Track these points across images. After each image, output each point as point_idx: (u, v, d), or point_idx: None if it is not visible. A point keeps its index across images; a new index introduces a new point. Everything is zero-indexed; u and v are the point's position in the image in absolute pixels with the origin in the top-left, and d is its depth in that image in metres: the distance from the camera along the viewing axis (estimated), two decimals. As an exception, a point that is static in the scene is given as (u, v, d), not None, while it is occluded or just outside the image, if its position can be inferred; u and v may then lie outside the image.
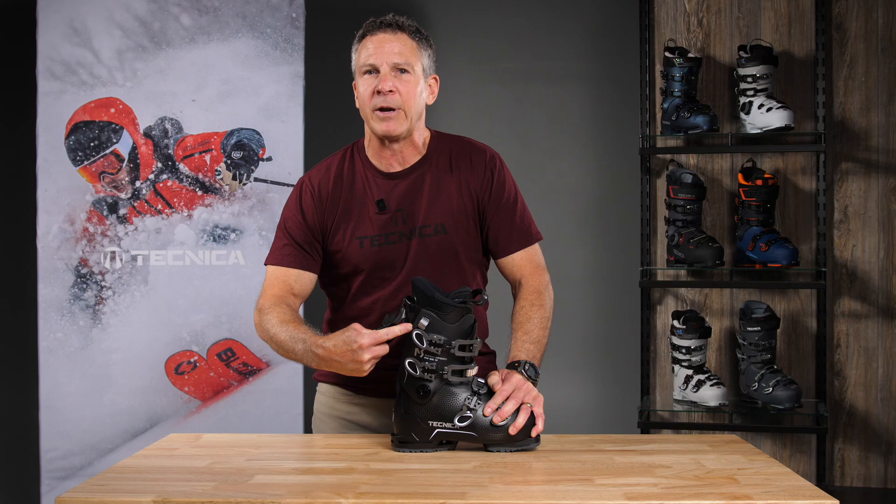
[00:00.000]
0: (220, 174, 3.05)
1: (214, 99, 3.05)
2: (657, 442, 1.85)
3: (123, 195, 3.04)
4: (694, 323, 3.07)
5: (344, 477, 1.55)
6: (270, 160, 3.05)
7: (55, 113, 3.01)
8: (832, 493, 1.61)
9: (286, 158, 3.05)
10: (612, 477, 1.54)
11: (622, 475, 1.55)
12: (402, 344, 1.75)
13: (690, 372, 3.08)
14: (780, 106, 3.00)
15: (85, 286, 3.02)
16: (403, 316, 1.73)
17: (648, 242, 3.22)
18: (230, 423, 3.02)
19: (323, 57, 3.44)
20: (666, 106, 3.15)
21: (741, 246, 3.11)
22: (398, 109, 1.92)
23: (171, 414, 3.03)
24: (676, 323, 3.10)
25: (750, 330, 3.03)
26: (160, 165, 3.04)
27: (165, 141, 3.04)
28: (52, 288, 3.00)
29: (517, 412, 1.74)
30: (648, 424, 3.09)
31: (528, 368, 1.85)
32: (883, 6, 3.17)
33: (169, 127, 3.05)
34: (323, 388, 2.11)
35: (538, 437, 1.77)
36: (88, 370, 3.00)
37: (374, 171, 2.01)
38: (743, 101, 3.08)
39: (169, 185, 3.04)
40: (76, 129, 3.02)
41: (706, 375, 3.06)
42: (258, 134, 3.05)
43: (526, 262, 2.03)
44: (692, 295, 3.28)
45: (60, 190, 3.01)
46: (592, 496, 1.43)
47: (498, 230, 2.01)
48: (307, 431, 3.06)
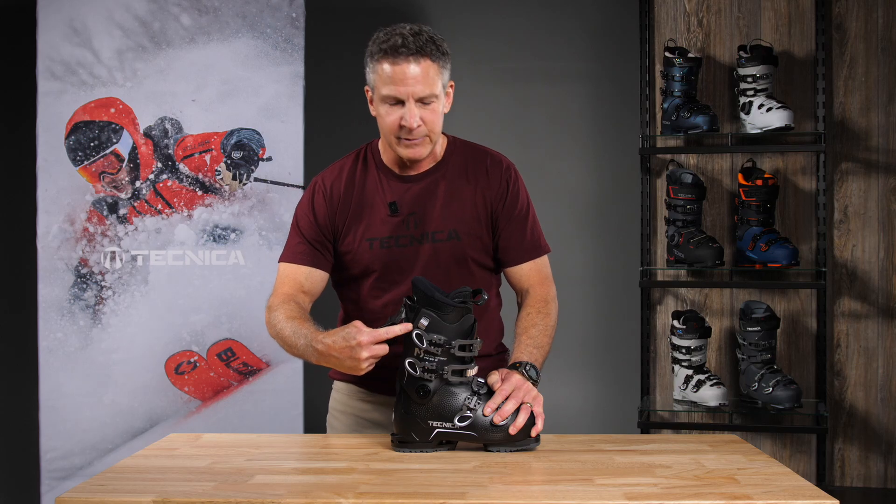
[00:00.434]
0: (220, 174, 3.05)
1: (214, 99, 3.05)
2: (657, 442, 1.85)
3: (123, 195, 3.04)
4: (694, 323, 3.07)
5: (344, 477, 1.55)
6: (270, 160, 3.05)
7: (55, 113, 3.01)
8: (832, 493, 1.61)
9: (286, 158, 3.05)
10: (612, 477, 1.54)
11: (622, 475, 1.55)
12: (404, 343, 1.75)
13: (690, 372, 3.08)
14: (780, 106, 3.00)
15: (85, 286, 3.02)
16: (403, 316, 1.73)
17: (648, 242, 3.22)
18: (230, 423, 3.02)
19: (323, 57, 3.44)
20: (666, 106, 3.15)
21: (741, 246, 3.11)
22: (424, 137, 1.92)
23: (171, 414, 3.03)
24: (676, 323, 3.10)
25: (750, 330, 3.03)
26: (160, 165, 3.04)
27: (165, 141, 3.04)
28: (52, 288, 3.00)
29: (517, 412, 1.74)
30: (648, 424, 3.09)
31: (528, 369, 1.85)
32: (883, 6, 3.17)
33: (169, 127, 3.05)
34: (338, 385, 2.12)
35: (538, 437, 1.77)
36: (88, 370, 3.00)
37: (387, 172, 2.01)
38: (743, 101, 3.08)
39: (169, 185, 3.04)
40: (76, 129, 3.02)
41: (706, 375, 3.06)
42: (258, 134, 3.05)
43: (534, 273, 2.04)
44: (692, 295, 3.28)
45: (60, 190, 3.01)
46: (592, 496, 1.43)
47: (508, 240, 2.02)
48: (307, 431, 3.06)
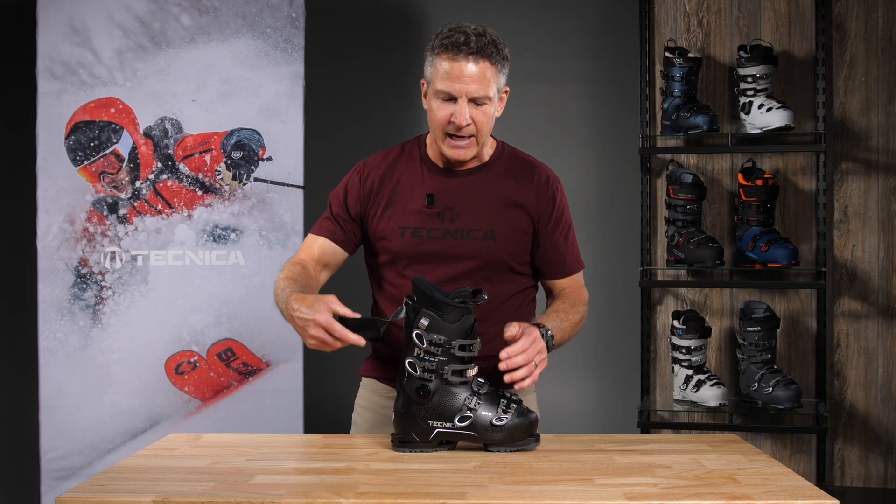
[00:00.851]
0: (220, 174, 3.05)
1: (214, 99, 3.05)
2: (657, 442, 1.85)
3: (123, 195, 3.04)
4: (694, 323, 3.07)
5: (344, 477, 1.55)
6: (270, 160, 3.05)
7: (55, 113, 3.01)
8: (832, 493, 1.61)
9: (286, 158, 3.05)
10: (612, 477, 1.54)
11: (622, 475, 1.55)
12: (404, 343, 1.75)
13: (690, 372, 3.08)
14: (780, 106, 3.00)
15: (85, 286, 3.02)
16: (403, 314, 1.74)
17: (648, 242, 3.22)
18: (230, 423, 3.02)
19: (323, 57, 3.44)
20: (666, 106, 3.15)
21: (741, 246, 3.11)
22: (471, 137, 1.93)
23: (171, 414, 3.03)
24: (676, 323, 3.10)
25: (750, 330, 3.03)
26: (160, 165, 3.04)
27: (165, 141, 3.04)
28: (52, 288, 3.00)
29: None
30: (648, 424, 3.09)
31: (548, 335, 1.86)
32: (883, 6, 3.17)
33: (169, 127, 3.05)
34: (365, 381, 2.14)
35: (538, 436, 1.77)
36: (88, 370, 3.00)
37: (430, 165, 2.03)
38: (743, 101, 3.08)
39: (169, 185, 3.04)
40: (76, 129, 3.02)
41: (706, 375, 3.06)
42: (258, 134, 3.05)
43: (570, 286, 2.08)
44: (692, 295, 3.28)
45: (60, 190, 3.01)
46: (592, 496, 1.43)
47: (549, 255, 2.03)
48: (307, 431, 3.06)
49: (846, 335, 3.20)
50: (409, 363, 1.73)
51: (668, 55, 3.13)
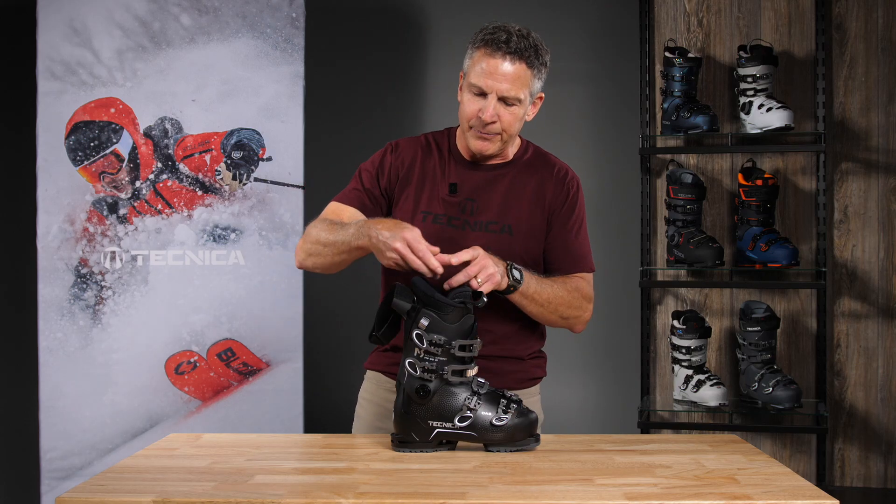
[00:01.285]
0: (220, 174, 3.05)
1: (214, 99, 3.05)
2: (657, 442, 1.85)
3: (123, 195, 3.04)
4: (694, 323, 3.07)
5: (344, 477, 1.55)
6: (270, 160, 3.05)
7: (55, 113, 3.01)
8: (832, 493, 1.61)
9: (286, 158, 3.05)
10: (612, 477, 1.54)
11: (622, 475, 1.55)
12: (404, 343, 1.76)
13: (690, 372, 3.08)
14: (780, 106, 3.00)
15: (85, 286, 3.02)
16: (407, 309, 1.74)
17: (648, 242, 3.22)
18: (230, 423, 3.02)
19: (323, 57, 3.44)
20: (666, 106, 3.15)
21: (741, 246, 3.11)
22: (496, 134, 1.94)
23: (171, 414, 3.03)
24: (676, 323, 3.10)
25: (750, 330, 3.03)
26: (160, 165, 3.04)
27: (165, 141, 3.04)
28: (52, 288, 3.00)
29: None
30: (648, 424, 3.09)
31: (512, 269, 1.85)
32: (883, 6, 3.17)
33: (169, 127, 3.05)
34: (370, 374, 2.13)
35: (538, 436, 1.77)
36: (88, 370, 3.00)
37: (457, 156, 2.05)
38: (743, 101, 3.08)
39: (169, 185, 3.04)
40: (76, 129, 3.02)
41: (706, 375, 3.06)
42: (258, 134, 3.05)
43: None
44: (692, 295, 3.28)
45: (60, 190, 3.01)
46: (592, 496, 1.43)
47: (556, 244, 2.03)
48: (307, 431, 3.06)
49: (846, 335, 3.20)
50: (409, 363, 1.73)
51: (668, 55, 3.13)
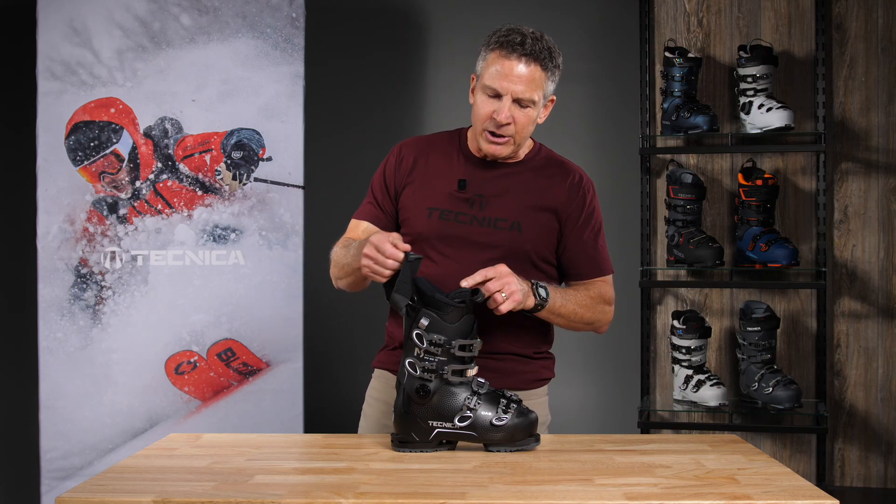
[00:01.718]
0: (220, 174, 3.05)
1: (214, 99, 3.05)
2: (657, 442, 1.85)
3: (123, 195, 3.04)
4: (694, 323, 3.07)
5: (344, 477, 1.55)
6: (270, 160, 3.05)
7: (55, 113, 3.01)
8: (832, 493, 1.61)
9: (286, 158, 3.05)
10: (612, 477, 1.54)
11: (622, 475, 1.56)
12: (404, 343, 1.76)
13: (690, 372, 3.08)
14: (780, 106, 3.00)
15: (85, 286, 3.02)
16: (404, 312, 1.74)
17: (648, 242, 3.22)
18: (230, 423, 3.02)
19: (323, 57, 3.44)
20: (666, 106, 3.15)
21: (741, 246, 3.11)
22: (509, 137, 1.94)
23: (171, 414, 3.03)
24: (676, 323, 3.10)
25: (750, 330, 3.03)
26: (160, 165, 3.04)
27: (165, 141, 3.04)
28: (52, 288, 3.00)
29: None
30: (648, 424, 3.09)
31: (537, 287, 1.86)
32: (883, 6, 3.17)
33: (169, 127, 3.05)
34: (377, 373, 2.14)
35: (538, 437, 1.77)
36: (88, 370, 3.00)
37: (468, 154, 2.05)
38: (743, 101, 3.08)
39: (169, 185, 3.04)
40: (76, 129, 3.02)
41: (706, 375, 3.06)
42: (258, 134, 3.05)
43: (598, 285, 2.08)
44: (692, 295, 3.28)
45: (60, 190, 3.01)
46: (592, 496, 1.43)
47: (576, 254, 2.03)
48: (307, 431, 3.06)
49: (846, 335, 3.20)
50: (409, 363, 1.73)
51: (668, 55, 3.13)
